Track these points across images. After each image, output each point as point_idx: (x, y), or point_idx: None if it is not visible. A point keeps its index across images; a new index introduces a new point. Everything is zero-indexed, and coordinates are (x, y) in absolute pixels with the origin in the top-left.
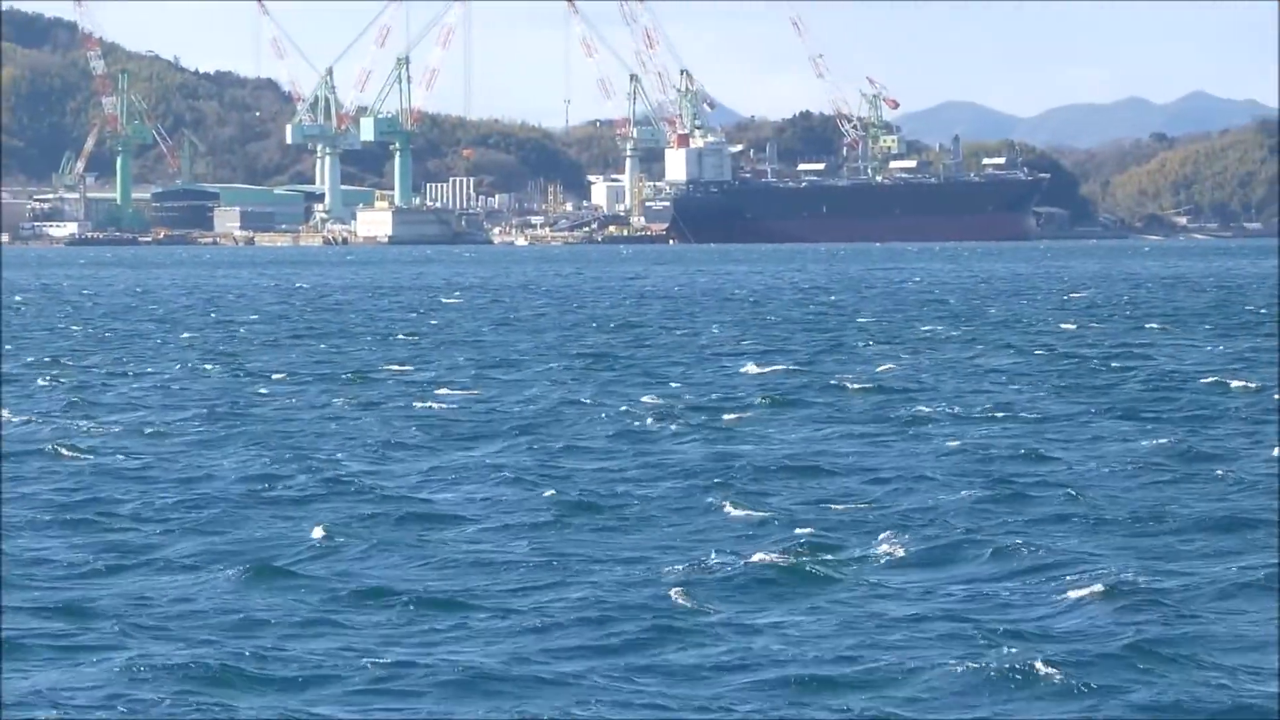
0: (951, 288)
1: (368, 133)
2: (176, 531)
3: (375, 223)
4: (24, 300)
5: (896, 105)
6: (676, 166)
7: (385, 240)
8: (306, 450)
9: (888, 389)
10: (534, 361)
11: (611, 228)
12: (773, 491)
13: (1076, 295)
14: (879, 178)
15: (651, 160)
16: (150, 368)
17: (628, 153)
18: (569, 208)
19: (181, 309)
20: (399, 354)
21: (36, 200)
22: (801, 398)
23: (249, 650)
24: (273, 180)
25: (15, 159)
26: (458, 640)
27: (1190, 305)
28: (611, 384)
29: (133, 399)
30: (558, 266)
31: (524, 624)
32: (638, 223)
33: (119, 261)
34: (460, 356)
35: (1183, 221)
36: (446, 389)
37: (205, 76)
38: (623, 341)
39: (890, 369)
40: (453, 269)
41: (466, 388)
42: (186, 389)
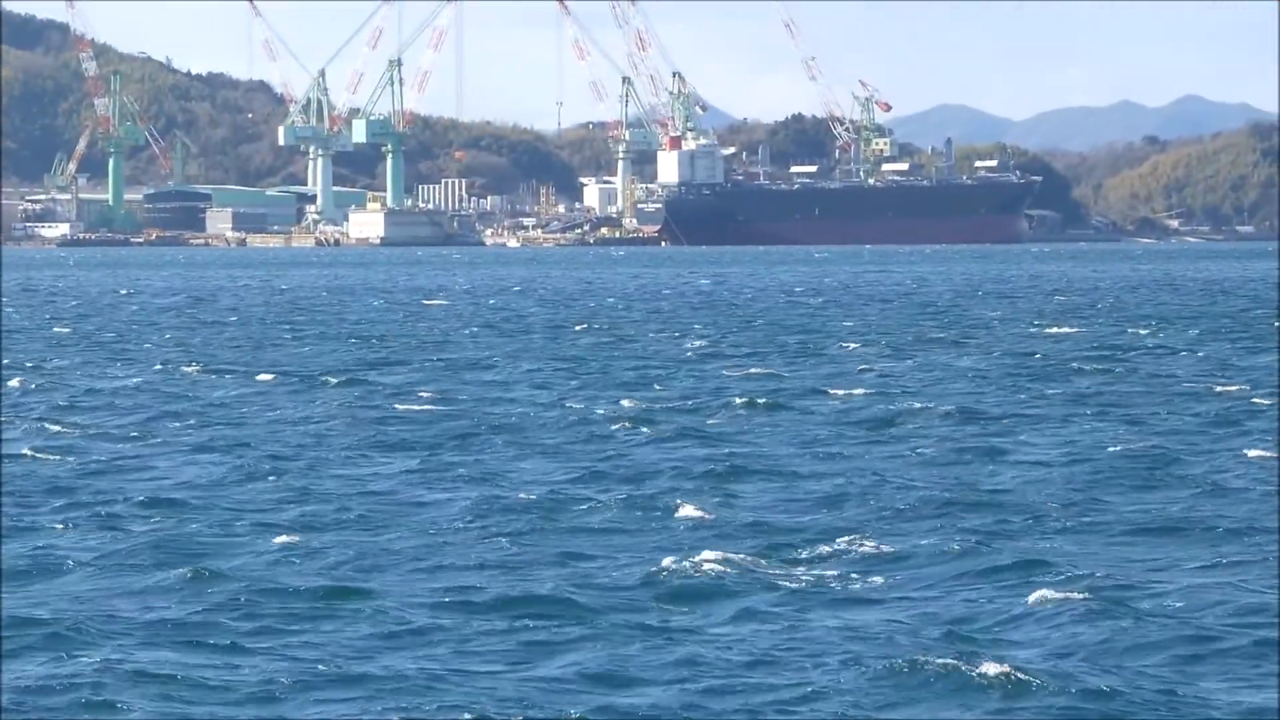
0: (940, 290)
1: (360, 134)
2: (122, 533)
3: (367, 224)
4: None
5: (889, 108)
6: (669, 169)
7: (377, 242)
8: (263, 452)
9: (864, 391)
10: (508, 364)
11: (604, 230)
12: (736, 495)
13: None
14: (871, 180)
15: (644, 162)
16: (119, 369)
17: (620, 155)
18: (561, 210)
19: (160, 310)
20: (372, 356)
21: (29, 201)
22: (778, 401)
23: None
24: (265, 182)
25: (7, 160)
26: (407, 643)
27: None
28: (585, 387)
29: (98, 400)
30: (547, 269)
31: (477, 627)
32: (630, 225)
33: (106, 262)
34: (435, 358)
35: (1175, 224)
36: (416, 391)
37: (197, 78)
38: (600, 343)
39: (868, 370)
40: (438, 272)
41: (436, 390)
42: (150, 389)
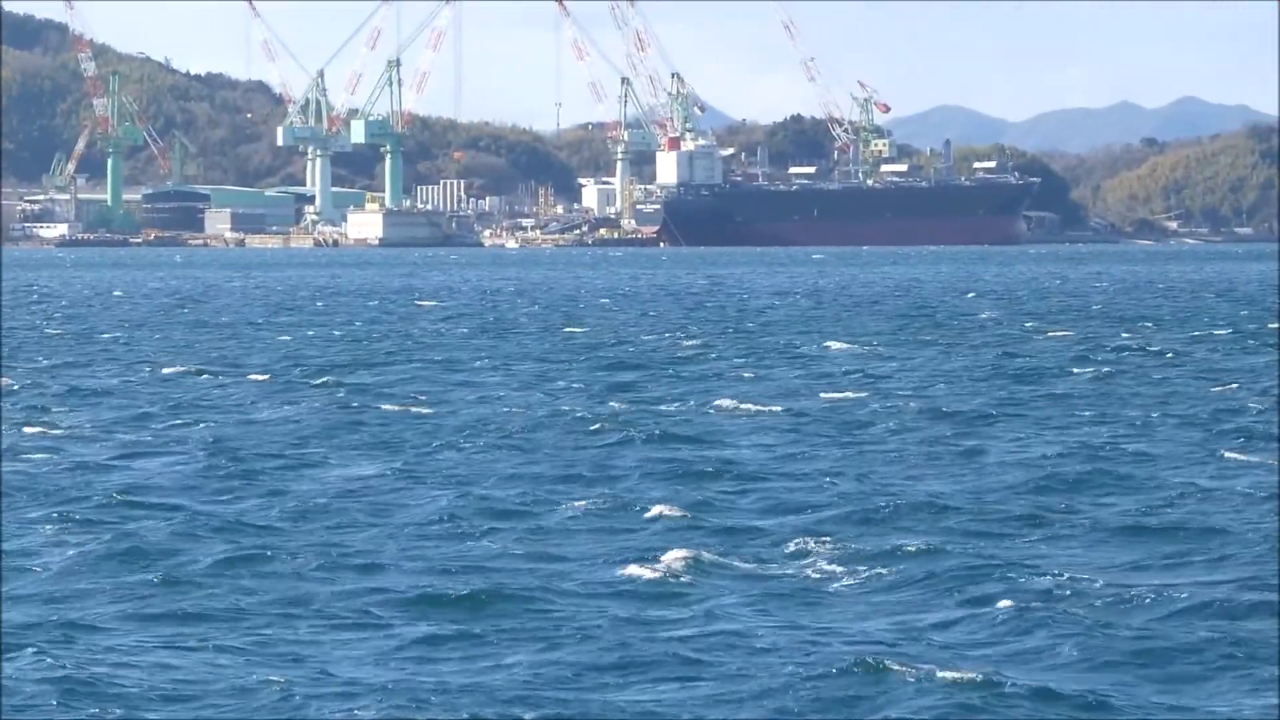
0: (926, 291)
1: (358, 135)
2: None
3: (366, 225)
4: None
5: (888, 109)
6: (667, 169)
7: (376, 242)
8: (236, 451)
9: (844, 394)
10: (492, 364)
11: (602, 230)
12: (711, 495)
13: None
14: (870, 181)
15: (642, 163)
16: (100, 369)
17: (619, 155)
18: (560, 210)
19: (151, 310)
20: (359, 356)
21: (27, 201)
22: (758, 402)
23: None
24: (263, 182)
25: (6, 160)
26: (376, 643)
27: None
28: (568, 387)
29: (78, 400)
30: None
31: (436, 629)
32: (628, 225)
33: (101, 262)
34: (421, 359)
35: (1173, 226)
36: (398, 391)
37: (196, 78)
38: (585, 344)
39: (849, 372)
40: (434, 272)
41: (417, 390)
42: (131, 388)
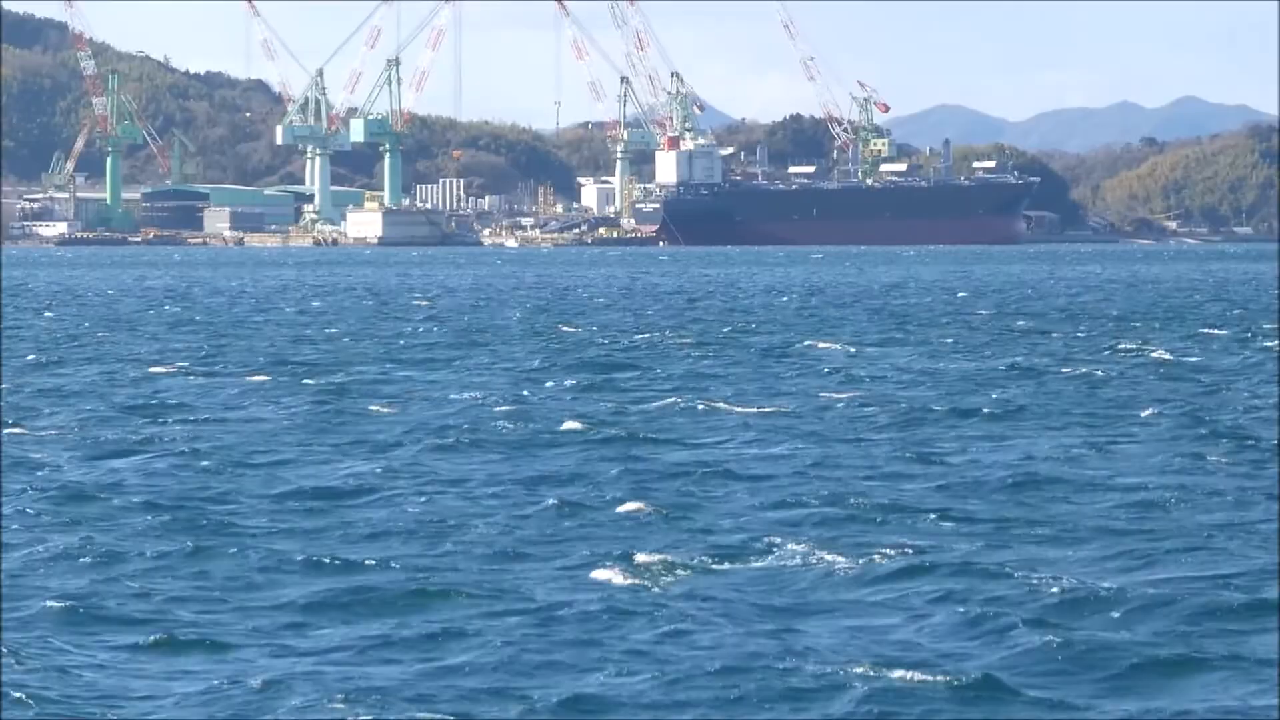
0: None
1: (358, 134)
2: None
3: (365, 224)
4: None
5: (887, 109)
6: (667, 169)
7: (375, 241)
8: (198, 449)
9: (828, 393)
10: (474, 365)
11: (602, 230)
12: (686, 496)
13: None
14: (869, 181)
15: (642, 162)
16: (76, 367)
17: (618, 155)
18: (559, 210)
19: (137, 309)
20: (348, 354)
21: (26, 200)
22: (744, 405)
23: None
24: (263, 181)
25: (5, 159)
26: (336, 646)
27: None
28: (548, 386)
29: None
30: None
31: (394, 631)
32: (628, 225)
33: (99, 262)
34: (403, 358)
35: (1173, 226)
36: (379, 391)
37: (195, 77)
38: (574, 345)
39: (835, 370)
40: (432, 271)
41: (398, 391)
42: (106, 386)
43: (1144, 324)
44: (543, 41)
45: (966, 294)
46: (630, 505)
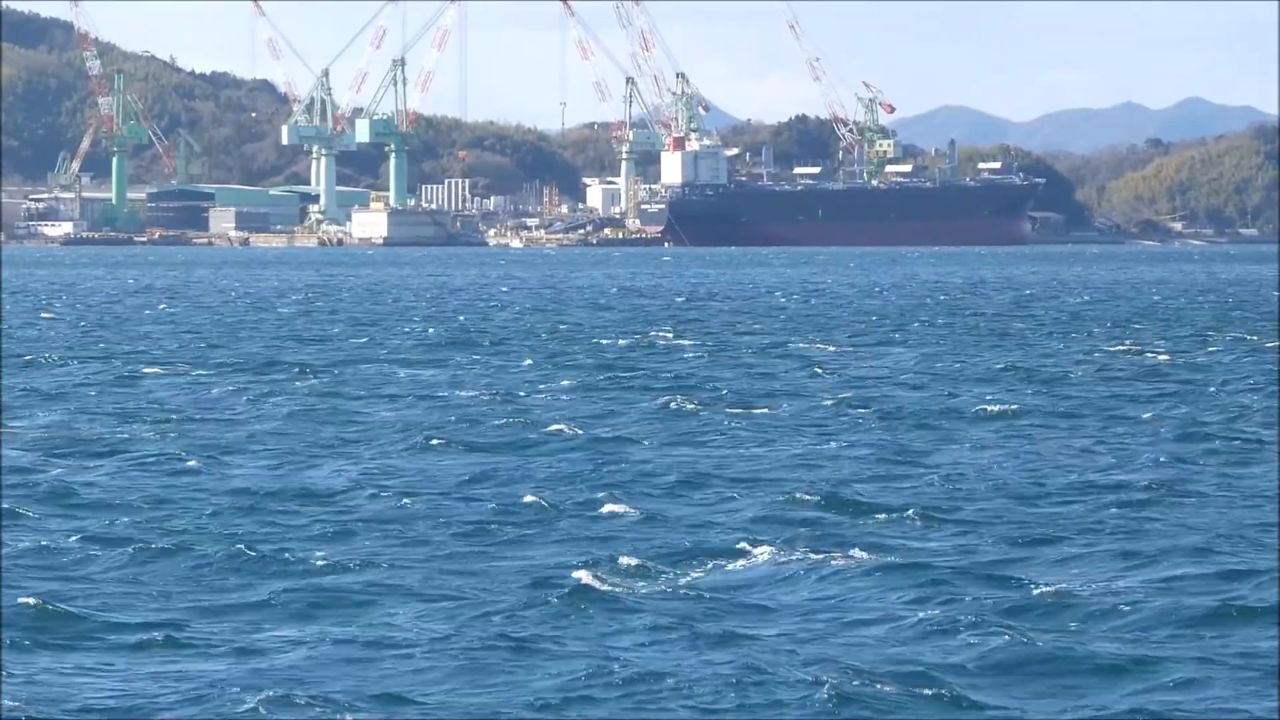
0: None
1: (363, 134)
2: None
3: (370, 224)
4: None
5: (892, 110)
6: (672, 169)
7: (380, 242)
8: (177, 447)
9: (816, 393)
10: (464, 364)
11: (607, 230)
12: (667, 499)
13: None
14: (874, 182)
15: (647, 163)
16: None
17: (623, 155)
18: (564, 210)
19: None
20: (344, 354)
21: (32, 200)
22: (732, 405)
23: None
24: (268, 181)
25: (11, 159)
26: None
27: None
28: (537, 387)
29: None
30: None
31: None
32: (633, 225)
33: (98, 261)
34: (396, 358)
35: (1178, 227)
36: (370, 391)
37: (201, 77)
38: (567, 345)
39: (820, 373)
40: (432, 272)
41: (388, 391)
42: (88, 384)
43: (1145, 325)
44: (548, 42)
45: (967, 294)
46: (612, 506)
